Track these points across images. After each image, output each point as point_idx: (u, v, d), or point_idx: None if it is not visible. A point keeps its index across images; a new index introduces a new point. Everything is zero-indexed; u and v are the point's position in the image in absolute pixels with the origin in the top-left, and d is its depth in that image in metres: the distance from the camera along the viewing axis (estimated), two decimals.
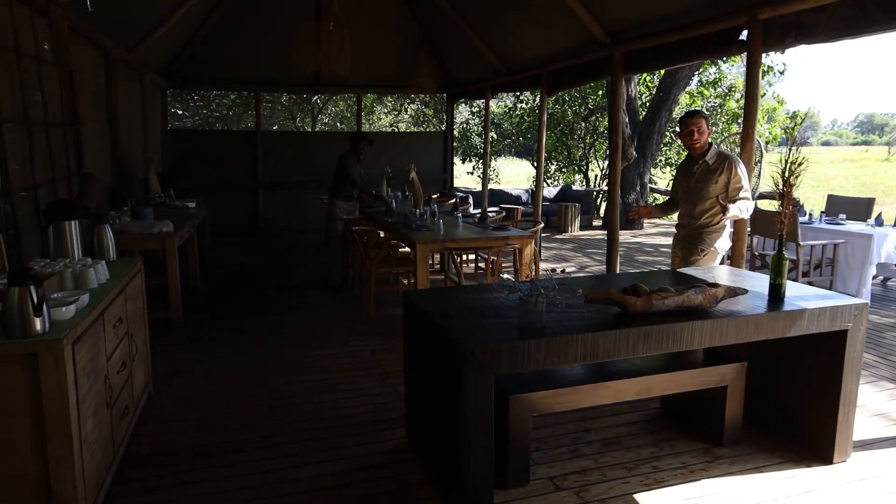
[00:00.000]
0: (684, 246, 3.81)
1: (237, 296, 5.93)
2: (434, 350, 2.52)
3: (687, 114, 3.76)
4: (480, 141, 14.61)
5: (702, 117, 3.67)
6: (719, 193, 3.61)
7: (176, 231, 5.01)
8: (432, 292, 3.00)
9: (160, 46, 7.54)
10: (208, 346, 4.42)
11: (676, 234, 3.95)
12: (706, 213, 3.69)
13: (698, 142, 3.65)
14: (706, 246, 3.71)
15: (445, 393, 2.37)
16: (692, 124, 3.66)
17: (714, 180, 3.62)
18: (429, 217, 5.76)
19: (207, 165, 9.57)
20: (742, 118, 13.55)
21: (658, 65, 5.25)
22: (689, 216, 3.77)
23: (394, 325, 4.95)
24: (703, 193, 3.66)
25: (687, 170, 3.82)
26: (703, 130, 3.65)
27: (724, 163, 3.62)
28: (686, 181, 3.79)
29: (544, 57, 7.15)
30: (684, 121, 3.73)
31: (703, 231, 3.73)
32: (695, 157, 3.73)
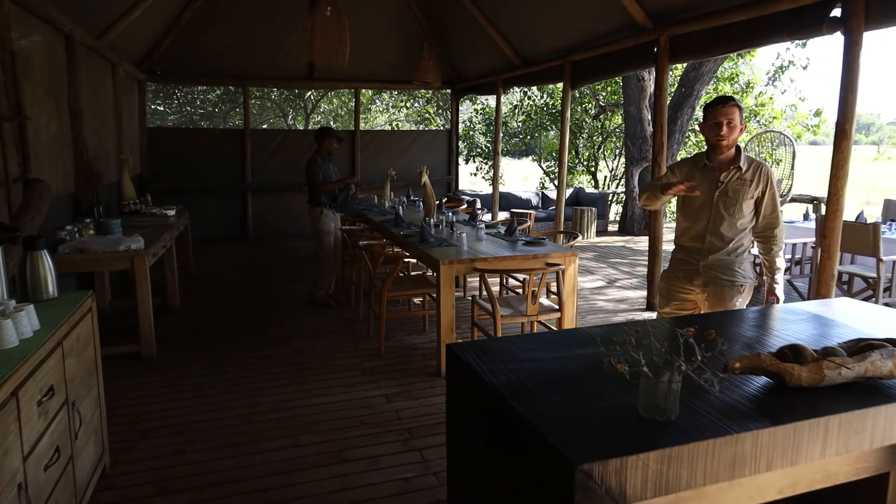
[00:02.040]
0: (713, 280, 2.88)
1: (222, 319, 5.10)
2: (508, 445, 1.73)
3: (717, 100, 2.75)
4: (485, 140, 13.83)
5: (736, 106, 2.74)
6: (750, 210, 2.82)
7: (148, 247, 4.19)
8: (484, 346, 2.21)
9: (135, 34, 6.69)
10: (185, 392, 3.60)
11: (685, 265, 2.96)
12: (739, 236, 2.84)
13: (727, 138, 2.72)
14: (744, 279, 2.87)
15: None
16: (723, 114, 2.70)
17: (749, 194, 2.79)
18: (445, 228, 4.97)
19: (191, 167, 8.71)
20: (752, 116, 12.53)
21: (717, 50, 4.49)
22: (716, 238, 2.85)
23: (410, 360, 4.15)
24: (736, 210, 2.80)
25: (706, 175, 2.86)
26: (735, 124, 2.73)
27: (759, 171, 2.79)
28: (705, 191, 2.85)
29: (568, 46, 6.38)
30: (713, 109, 2.74)
31: (737, 259, 2.88)
32: (716, 161, 2.81)
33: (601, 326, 2.52)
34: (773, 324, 2.35)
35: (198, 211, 8.63)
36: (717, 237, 2.85)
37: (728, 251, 2.86)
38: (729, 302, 2.88)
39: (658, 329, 2.26)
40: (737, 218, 2.81)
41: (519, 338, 2.34)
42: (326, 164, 5.58)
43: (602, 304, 5.65)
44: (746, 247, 2.89)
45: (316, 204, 5.56)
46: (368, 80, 9.63)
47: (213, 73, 8.71)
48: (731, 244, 2.84)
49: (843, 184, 3.57)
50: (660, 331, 2.22)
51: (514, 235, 4.58)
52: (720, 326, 2.31)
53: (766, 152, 9.79)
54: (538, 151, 14.31)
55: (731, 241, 2.83)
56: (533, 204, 10.39)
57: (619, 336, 1.67)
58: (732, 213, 2.81)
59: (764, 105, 12.11)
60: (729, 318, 2.44)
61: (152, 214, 5.98)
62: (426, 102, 14.16)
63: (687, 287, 2.97)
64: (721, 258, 2.86)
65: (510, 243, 4.33)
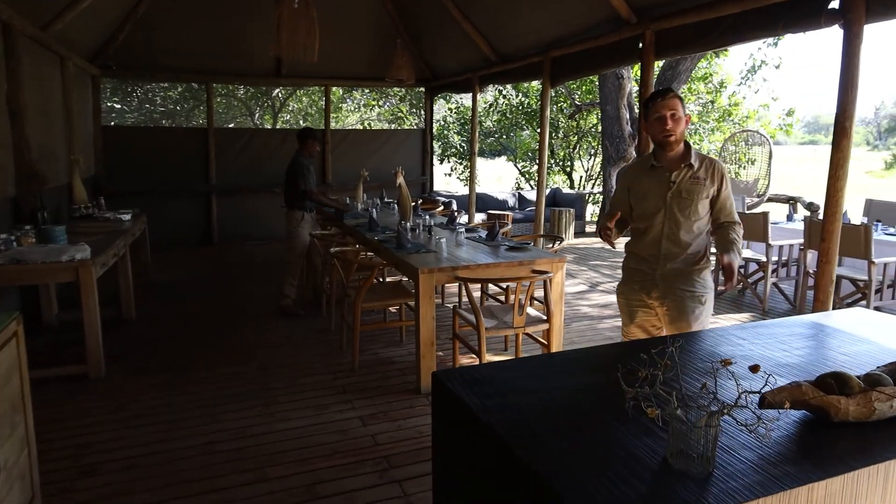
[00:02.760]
0: (671, 292, 2.60)
1: (181, 331, 4.72)
2: (509, 492, 1.45)
3: (656, 94, 2.52)
4: (460, 139, 13.57)
5: (677, 97, 2.50)
6: (706, 211, 2.58)
7: (96, 256, 3.81)
8: (475, 375, 1.92)
9: (87, 25, 6.23)
10: (136, 418, 3.23)
11: (641, 276, 2.69)
12: (697, 241, 2.59)
13: (674, 132, 2.48)
14: (706, 290, 2.61)
15: None
16: (666, 107, 2.46)
17: (704, 193, 2.55)
18: (423, 233, 4.68)
19: (152, 168, 8.23)
20: (726, 116, 12.57)
21: (706, 44, 4.30)
22: (672, 244, 2.58)
23: (386, 376, 3.85)
24: (691, 212, 2.55)
25: (655, 176, 2.60)
26: (679, 116, 2.48)
27: (711, 168, 2.57)
28: (655, 194, 2.60)
29: (548, 41, 6.16)
30: (654, 103, 2.49)
31: (695, 268, 2.60)
32: (664, 160, 2.57)
33: (602, 347, 2.26)
34: (781, 341, 2.12)
35: (159, 214, 8.17)
36: (673, 243, 2.59)
37: (686, 258, 2.60)
38: (690, 315, 2.59)
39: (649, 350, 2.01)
40: (693, 220, 2.57)
41: (513, 363, 2.07)
42: (310, 166, 5.29)
43: (586, 310, 5.43)
44: (705, 253, 2.65)
45: (296, 208, 5.23)
46: (339, 78, 9.27)
47: (173, 70, 8.26)
48: (690, 249, 2.59)
49: (843, 185, 3.40)
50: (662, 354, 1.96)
51: (497, 240, 4.31)
52: (709, 346, 2.07)
53: (742, 152, 9.76)
54: (513, 151, 14.11)
55: (688, 246, 2.59)
56: (510, 205, 10.16)
57: (643, 370, 1.41)
58: (688, 216, 2.56)
59: (737, 105, 12.12)
60: (720, 336, 2.20)
61: (105, 219, 5.56)
62: (399, 101, 13.83)
63: (645, 300, 2.70)
64: (679, 266, 2.60)
65: (492, 249, 4.06)
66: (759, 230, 5.29)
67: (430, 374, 3.56)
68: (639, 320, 2.75)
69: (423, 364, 3.51)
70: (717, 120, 12.34)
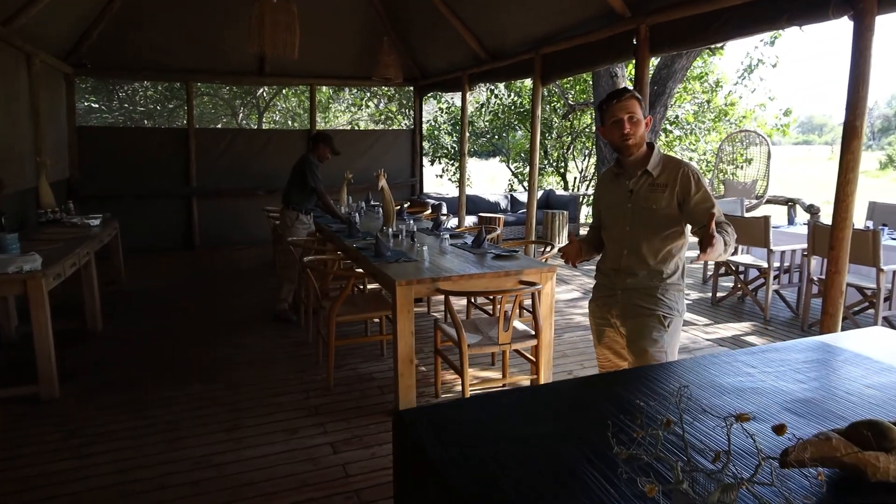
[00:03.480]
0: (632, 312, 2.33)
1: (149, 344, 4.44)
2: None
3: (612, 95, 2.26)
4: (450, 140, 13.31)
5: (634, 98, 2.24)
6: (675, 223, 2.27)
7: (49, 266, 3.53)
8: (445, 416, 1.64)
9: (56, 21, 5.94)
10: (89, 445, 2.96)
11: (604, 291, 2.44)
12: (660, 256, 2.30)
13: (632, 136, 2.23)
14: (671, 311, 2.31)
15: None
16: (622, 109, 2.21)
17: (664, 202, 2.25)
18: (406, 239, 4.41)
19: (130, 170, 7.92)
20: (722, 116, 12.35)
21: (705, 39, 4.05)
22: (634, 259, 2.32)
23: (364, 394, 3.58)
24: (653, 224, 2.28)
25: (616, 187, 2.38)
26: (638, 118, 2.23)
27: (676, 173, 2.24)
28: (617, 204, 2.37)
29: (538, 38, 5.90)
30: (609, 106, 2.25)
31: (660, 285, 2.31)
32: (626, 166, 2.33)
33: (593, 378, 2.01)
34: (796, 369, 1.86)
35: (138, 218, 7.90)
36: (635, 257, 2.32)
37: (650, 274, 2.31)
38: (647, 338, 2.28)
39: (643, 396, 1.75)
40: (657, 233, 2.28)
41: (491, 399, 1.80)
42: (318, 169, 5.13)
43: (579, 319, 5.18)
44: (676, 271, 2.33)
45: (293, 207, 5.02)
46: (324, 77, 8.99)
47: (151, 68, 7.96)
48: (654, 265, 2.30)
49: (854, 189, 3.15)
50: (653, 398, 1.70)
51: (483, 247, 4.06)
52: (713, 375, 1.82)
53: (738, 152, 9.55)
54: (506, 152, 13.86)
55: (652, 261, 2.30)
56: (502, 207, 9.91)
57: (639, 429, 1.14)
58: (651, 228, 2.28)
59: (734, 104, 11.91)
60: (726, 362, 1.94)
61: (73, 224, 5.27)
62: (388, 101, 13.56)
63: (608, 319, 2.44)
64: (641, 283, 2.32)
65: (478, 257, 3.80)
66: (760, 235, 5.06)
67: (408, 394, 3.31)
68: (606, 340, 2.50)
69: (402, 383, 3.25)
70: (713, 120, 12.13)
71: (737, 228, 5.17)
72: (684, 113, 11.99)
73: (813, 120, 61.79)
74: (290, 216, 5.03)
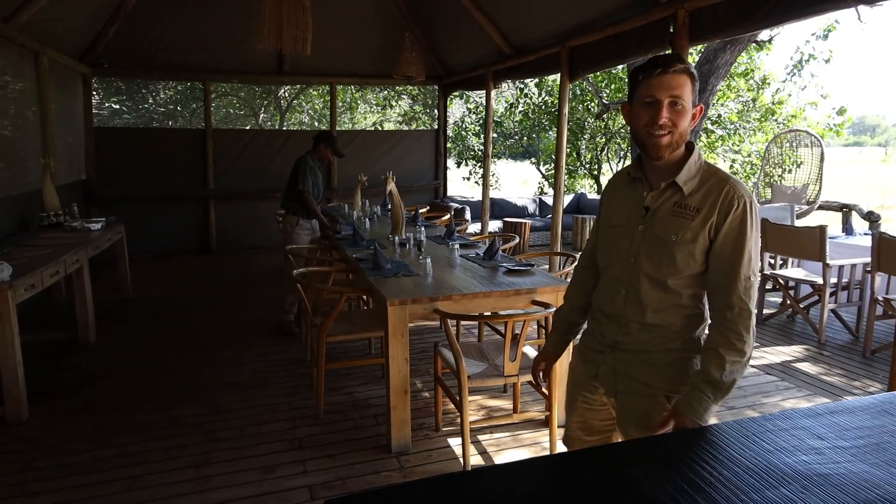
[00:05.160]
0: (623, 385, 1.64)
1: (139, 359, 4.14)
2: None
3: (653, 62, 1.48)
4: (478, 142, 12.88)
5: (687, 73, 1.49)
6: (697, 267, 1.54)
7: (22, 276, 3.26)
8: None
9: (65, 18, 5.76)
10: (38, 481, 2.64)
11: (592, 343, 1.73)
12: (666, 307, 1.57)
13: (670, 130, 1.49)
14: (680, 388, 1.58)
15: None
16: (665, 86, 1.47)
17: (691, 235, 1.52)
18: (413, 248, 4.01)
19: (146, 171, 7.76)
20: (769, 115, 11.63)
21: (752, 24, 3.53)
22: (631, 305, 1.60)
23: (357, 424, 3.19)
24: (666, 260, 1.55)
25: (628, 197, 1.65)
26: (683, 106, 1.48)
27: (717, 195, 1.51)
28: (624, 224, 1.64)
29: (565, 30, 5.44)
30: (648, 77, 1.49)
31: (663, 349, 1.59)
32: (648, 170, 1.61)
33: (603, 450, 1.56)
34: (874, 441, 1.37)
35: (154, 221, 7.74)
36: (632, 302, 1.60)
37: (648, 332, 1.59)
38: (644, 427, 1.59)
39: None
40: (667, 273, 1.55)
41: (461, 479, 1.37)
42: (318, 169, 4.86)
43: None
44: (687, 335, 1.60)
45: (293, 211, 4.76)
46: (344, 75, 8.68)
47: (168, 67, 7.78)
48: (655, 319, 1.58)
49: None
50: None
51: (496, 259, 3.62)
52: (763, 454, 1.32)
53: (787, 154, 8.84)
54: (538, 154, 13.35)
55: (655, 313, 1.58)
56: (529, 211, 9.43)
57: None
58: (660, 266, 1.55)
59: (782, 103, 11.14)
60: (781, 429, 1.46)
61: (73, 228, 5.06)
62: (412, 100, 13.20)
63: (591, 383, 1.72)
64: (635, 342, 1.61)
65: (489, 271, 3.37)
66: (815, 246, 4.47)
67: (402, 429, 2.90)
68: (578, 410, 1.79)
69: (395, 416, 2.85)
70: (758, 120, 11.37)
71: (787, 239, 4.56)
72: (727, 112, 11.28)
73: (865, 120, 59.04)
74: (291, 221, 4.73)
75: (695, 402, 1.52)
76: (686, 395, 1.54)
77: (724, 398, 1.55)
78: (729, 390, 1.54)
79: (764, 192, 8.54)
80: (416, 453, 2.89)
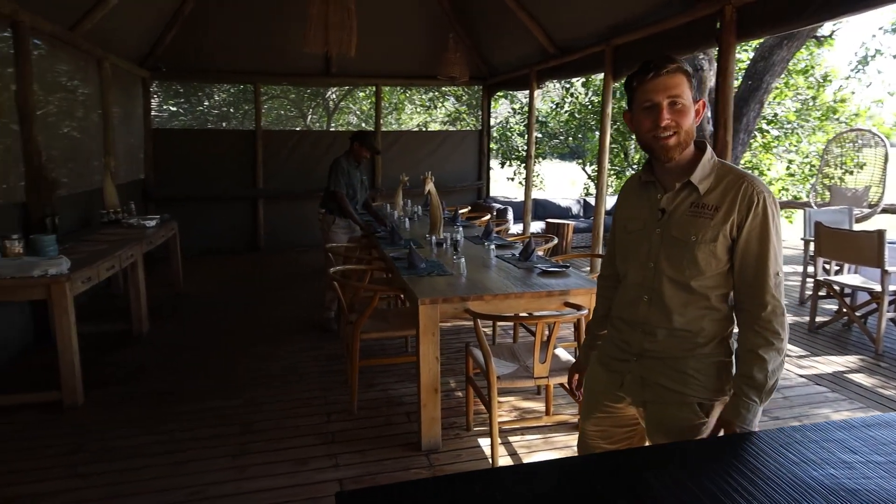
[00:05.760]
0: (653, 394, 1.59)
1: (186, 352, 4.31)
2: None
3: (648, 66, 1.48)
4: (522, 142, 12.80)
5: (681, 72, 1.48)
6: (721, 266, 1.51)
7: (78, 269, 3.45)
8: None
9: (125, 26, 6.06)
10: (85, 464, 2.78)
11: (615, 352, 1.68)
12: (693, 312, 1.54)
13: (673, 131, 1.48)
14: (713, 395, 1.55)
15: None
16: (662, 88, 1.46)
17: (711, 234, 1.49)
18: (449, 248, 4.03)
19: (200, 171, 8.06)
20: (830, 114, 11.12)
21: (805, 18, 3.38)
22: (655, 311, 1.57)
23: (389, 421, 3.23)
24: (687, 262, 1.51)
25: (642, 201, 1.62)
26: (683, 105, 1.47)
27: (736, 192, 1.48)
28: (641, 228, 1.61)
29: (610, 28, 5.34)
30: (643, 82, 1.48)
31: (692, 356, 1.55)
32: (659, 173, 1.58)
33: (610, 458, 1.53)
34: None
35: (206, 219, 8.03)
36: (657, 308, 1.57)
37: (676, 338, 1.55)
38: (677, 434, 1.56)
39: None
40: (689, 275, 1.52)
41: (472, 478, 1.38)
42: (354, 169, 4.98)
43: None
44: (715, 337, 1.56)
45: (329, 211, 4.89)
46: (390, 77, 8.79)
47: (221, 71, 8.06)
48: (681, 323, 1.54)
49: None
50: None
51: (531, 260, 3.60)
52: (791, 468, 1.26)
53: (848, 154, 8.41)
54: (583, 154, 13.15)
55: (680, 317, 1.54)
56: (573, 213, 9.31)
57: None
58: (681, 268, 1.52)
59: (844, 100, 10.61)
60: (811, 439, 1.40)
61: (129, 225, 5.31)
62: (457, 101, 13.23)
63: (615, 393, 1.67)
64: (664, 349, 1.57)
65: (524, 272, 3.36)
66: (872, 251, 4.25)
67: (432, 427, 2.92)
68: (598, 418, 1.73)
69: (425, 414, 2.87)
70: (819, 119, 10.86)
71: (845, 244, 4.36)
72: (784, 111, 10.82)
73: None
74: (328, 220, 4.87)
75: (742, 409, 1.50)
76: (732, 403, 1.53)
77: (769, 399, 1.53)
78: (773, 391, 1.54)
79: (823, 195, 8.16)
80: (445, 452, 2.91)
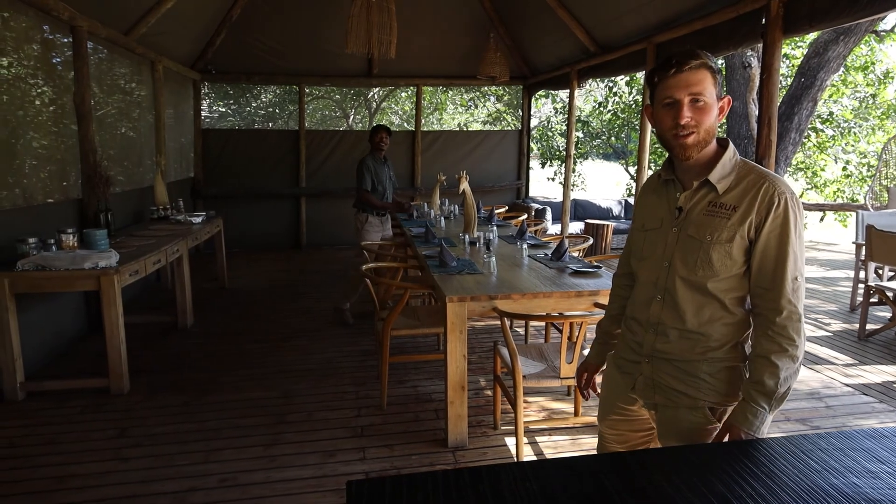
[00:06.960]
0: (664, 397, 1.57)
1: (227, 344, 4.46)
2: None
3: (670, 60, 1.43)
4: (563, 141, 12.67)
5: (706, 68, 1.42)
6: (736, 268, 1.47)
7: (126, 263, 3.62)
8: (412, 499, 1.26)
9: (177, 29, 6.30)
10: (128, 448, 2.92)
11: (628, 353, 1.66)
12: (706, 314, 1.50)
13: (692, 129, 1.44)
14: (724, 399, 1.53)
15: None
16: (683, 83, 1.41)
17: (728, 234, 1.45)
18: (482, 247, 4.04)
19: (246, 170, 8.32)
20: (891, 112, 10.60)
21: (855, 12, 3.23)
22: (668, 312, 1.54)
23: (418, 417, 3.27)
24: (701, 263, 1.48)
25: (660, 199, 1.59)
26: (706, 103, 1.42)
27: (756, 192, 1.44)
28: (658, 227, 1.58)
29: (652, 25, 5.24)
30: (664, 77, 1.43)
31: (704, 360, 1.51)
32: (680, 170, 1.55)
33: (619, 459, 1.51)
34: None
35: (251, 217, 8.28)
36: (669, 308, 1.54)
37: (688, 340, 1.52)
38: (688, 435, 1.54)
39: None
40: (703, 276, 1.48)
41: (481, 473, 1.39)
42: (380, 165, 5.15)
43: None
44: (729, 341, 1.52)
45: (362, 210, 5.06)
46: (431, 77, 8.84)
47: (266, 72, 8.28)
48: (695, 326, 1.51)
49: None
50: None
51: (563, 260, 3.57)
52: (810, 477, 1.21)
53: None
54: (626, 154, 12.92)
55: (692, 320, 1.51)
56: (614, 213, 9.15)
57: None
58: (695, 269, 1.49)
59: None
60: (836, 447, 1.34)
61: (177, 221, 5.53)
62: (497, 100, 13.18)
63: (628, 395, 1.66)
64: (675, 351, 1.54)
65: (555, 272, 3.34)
66: None
67: (459, 424, 2.94)
68: (612, 419, 1.73)
69: (452, 411, 2.89)
70: (879, 117, 10.36)
71: (895, 248, 4.14)
72: (840, 109, 10.35)
73: None
74: (360, 219, 5.00)
75: (750, 415, 1.46)
76: (739, 408, 1.49)
77: (780, 407, 1.49)
78: (784, 399, 1.49)
79: (882, 196, 7.79)
80: (471, 449, 2.92)
